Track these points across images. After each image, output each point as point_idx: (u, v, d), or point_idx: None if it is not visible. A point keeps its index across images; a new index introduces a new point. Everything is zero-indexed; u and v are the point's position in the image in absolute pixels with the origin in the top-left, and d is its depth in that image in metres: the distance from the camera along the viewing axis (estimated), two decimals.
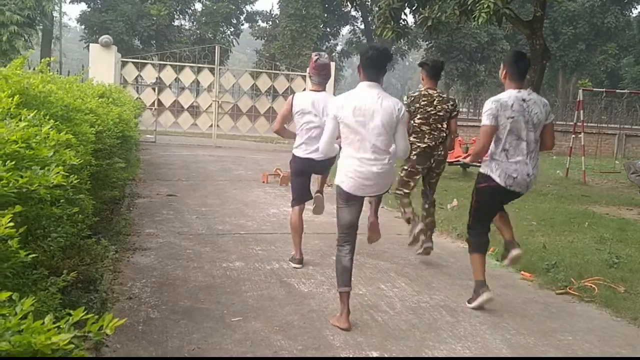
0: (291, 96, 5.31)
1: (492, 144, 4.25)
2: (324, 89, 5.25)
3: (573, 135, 14.54)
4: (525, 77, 4.37)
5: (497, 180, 4.23)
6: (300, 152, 5.17)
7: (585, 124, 14.54)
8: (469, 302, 4.39)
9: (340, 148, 4.11)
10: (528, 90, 4.29)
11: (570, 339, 3.91)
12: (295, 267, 5.11)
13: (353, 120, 3.82)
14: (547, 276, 5.23)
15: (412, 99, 5.42)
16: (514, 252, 4.55)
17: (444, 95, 5.59)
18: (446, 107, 5.44)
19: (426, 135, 5.38)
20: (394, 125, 3.89)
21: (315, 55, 5.17)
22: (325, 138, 4.03)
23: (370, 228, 4.42)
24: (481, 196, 4.41)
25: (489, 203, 4.43)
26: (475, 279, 4.40)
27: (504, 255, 4.70)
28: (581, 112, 13.93)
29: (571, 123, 16.46)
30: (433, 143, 5.39)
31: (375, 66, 3.93)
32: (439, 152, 5.46)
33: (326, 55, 5.28)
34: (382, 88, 3.98)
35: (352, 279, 4.51)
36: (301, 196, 5.31)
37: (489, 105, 4.21)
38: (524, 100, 4.19)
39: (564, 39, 32.78)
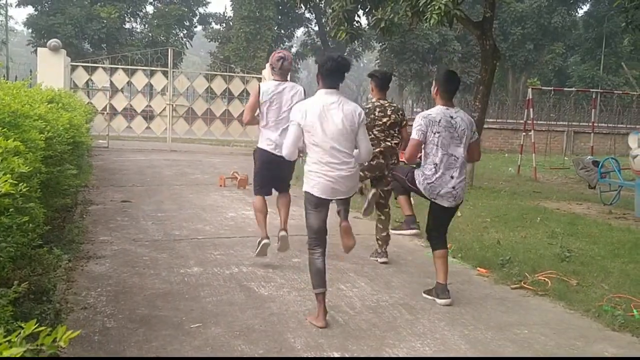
0: (257, 85, 5.37)
1: (423, 159, 4.52)
2: (286, 80, 5.34)
3: (524, 133, 14.92)
4: (454, 95, 4.65)
5: (422, 190, 4.53)
6: (265, 145, 5.26)
7: (535, 122, 14.93)
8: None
9: (301, 154, 4.20)
10: (456, 108, 4.56)
11: (526, 332, 4.00)
12: (265, 244, 5.20)
13: (316, 126, 3.92)
14: (502, 271, 5.35)
15: (367, 110, 5.43)
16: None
17: (395, 105, 5.75)
18: (398, 116, 5.62)
19: (382, 142, 5.47)
20: (356, 129, 4.03)
21: (282, 54, 5.30)
22: (288, 142, 4.09)
23: (343, 234, 4.31)
24: (406, 184, 4.70)
25: (411, 188, 4.71)
26: (406, 213, 4.83)
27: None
28: (531, 110, 14.31)
29: (521, 121, 16.87)
30: (388, 146, 5.48)
31: (334, 75, 4.05)
32: (393, 161, 5.57)
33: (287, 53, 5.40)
34: (340, 94, 4.07)
35: None
36: (264, 187, 5.42)
37: (418, 120, 4.48)
38: (451, 117, 4.46)
39: (513, 39, 33.61)
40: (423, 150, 4.50)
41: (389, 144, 5.52)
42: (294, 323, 3.90)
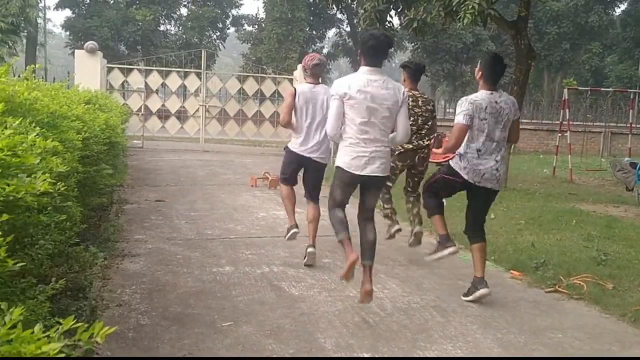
0: (293, 87, 5.42)
1: (465, 144, 4.42)
2: (319, 83, 5.37)
3: (559, 134, 14.64)
4: (499, 81, 4.54)
5: (465, 177, 4.43)
6: (297, 148, 5.29)
7: (571, 123, 14.65)
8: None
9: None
10: (499, 92, 4.46)
11: (560, 336, 3.94)
12: (294, 233, 5.35)
13: (359, 101, 3.96)
14: (536, 274, 5.27)
15: None
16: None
17: (426, 96, 5.74)
18: (430, 107, 5.67)
19: (414, 135, 5.45)
20: (398, 108, 4.07)
21: (318, 59, 5.30)
22: (331, 118, 4.13)
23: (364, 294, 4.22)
24: (442, 184, 4.66)
25: (445, 188, 4.69)
26: (440, 233, 4.79)
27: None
28: (567, 110, 14.04)
29: (557, 122, 16.57)
30: (418, 142, 5.52)
31: (376, 53, 4.07)
32: (423, 150, 5.59)
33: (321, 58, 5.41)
34: (383, 72, 4.11)
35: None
36: (291, 178, 5.50)
37: (465, 105, 4.36)
38: (496, 102, 4.38)
39: (549, 39, 33.01)
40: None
41: (421, 133, 5.56)
42: (324, 323, 3.90)
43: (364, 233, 4.29)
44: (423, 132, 5.57)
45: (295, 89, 5.32)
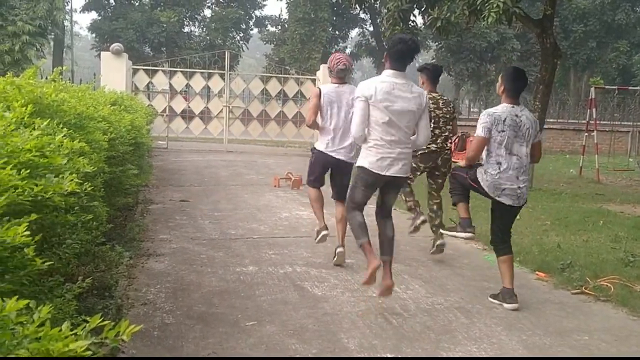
0: (317, 87, 5.41)
1: (485, 156, 4.47)
2: (344, 82, 5.35)
3: (586, 134, 14.43)
4: (520, 94, 4.53)
5: (485, 188, 4.44)
6: (324, 147, 5.29)
7: (598, 122, 14.43)
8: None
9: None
10: (521, 107, 4.47)
11: (586, 338, 3.88)
12: (324, 235, 5.33)
13: (385, 103, 4.01)
14: (562, 276, 5.19)
15: None
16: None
17: (446, 98, 5.73)
18: (449, 109, 5.64)
19: (437, 137, 5.45)
20: (421, 112, 4.13)
21: (345, 63, 5.27)
22: (357, 120, 4.16)
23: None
24: (468, 185, 4.65)
25: (472, 187, 4.65)
26: (462, 216, 4.80)
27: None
28: (594, 110, 13.84)
29: (584, 121, 16.33)
30: (441, 145, 5.49)
31: (403, 58, 4.11)
32: (446, 152, 5.58)
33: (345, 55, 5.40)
34: (407, 77, 4.16)
35: None
36: (318, 180, 5.48)
37: (484, 118, 4.41)
38: (517, 115, 4.38)
39: (575, 37, 32.54)
40: (485, 149, 4.43)
41: (444, 135, 5.54)
42: (347, 324, 3.90)
43: (383, 229, 4.35)
44: (446, 133, 5.55)
45: (320, 89, 5.31)
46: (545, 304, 4.57)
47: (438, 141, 5.50)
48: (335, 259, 5.25)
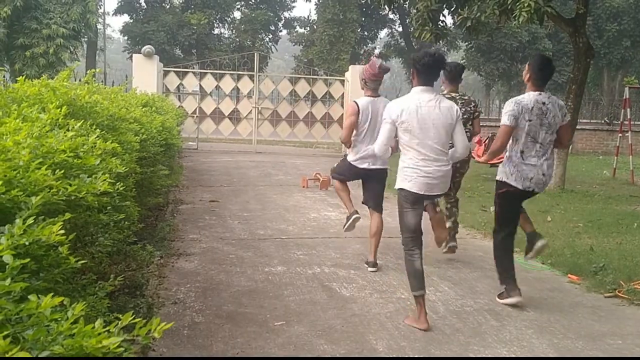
0: (353, 102, 5.31)
1: (510, 147, 4.39)
2: (378, 95, 5.29)
3: (620, 134, 14.13)
4: (547, 82, 4.46)
5: (514, 184, 4.36)
6: (356, 161, 5.27)
7: (632, 122, 14.12)
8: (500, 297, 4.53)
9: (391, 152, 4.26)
10: (548, 94, 4.41)
11: (619, 342, 3.80)
12: (355, 218, 5.36)
13: (413, 124, 3.93)
14: (595, 279, 5.10)
15: None
16: (539, 243, 4.68)
17: (466, 97, 5.69)
18: (469, 108, 5.57)
19: None
20: (453, 125, 4.04)
21: (378, 60, 5.21)
22: (381, 140, 4.12)
23: (436, 225, 4.48)
24: (503, 201, 4.54)
25: (512, 206, 4.54)
26: (501, 279, 4.53)
27: (527, 249, 4.80)
28: (628, 110, 13.53)
29: (617, 122, 15.99)
30: None
31: (430, 72, 4.04)
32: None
33: (380, 60, 5.30)
34: (435, 91, 4.09)
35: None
36: (346, 179, 5.51)
37: (510, 106, 4.35)
38: (543, 103, 4.33)
39: (608, 36, 31.84)
40: (511, 138, 4.36)
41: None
42: (375, 325, 3.89)
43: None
44: (468, 133, 5.45)
45: (357, 105, 5.21)
46: (577, 307, 4.49)
47: None
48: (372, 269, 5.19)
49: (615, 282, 4.96)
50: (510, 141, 4.37)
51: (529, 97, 4.34)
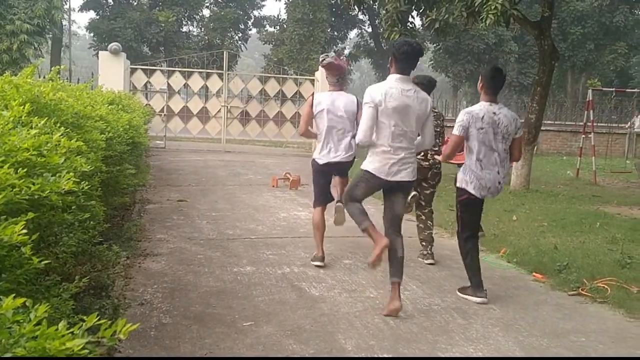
0: (310, 96, 5.32)
1: (467, 156, 4.53)
2: (341, 89, 5.26)
3: (583, 136, 14.46)
4: (499, 92, 4.62)
5: (473, 192, 4.51)
6: (322, 158, 5.20)
7: (595, 124, 14.46)
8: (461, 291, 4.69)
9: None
10: (499, 105, 4.56)
11: (583, 340, 3.89)
12: (317, 265, 5.18)
13: (396, 110, 4.01)
14: (559, 277, 5.20)
15: None
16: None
17: (437, 111, 5.75)
18: (440, 122, 5.68)
19: (426, 154, 5.48)
20: (425, 118, 4.18)
21: (321, 58, 5.26)
22: (364, 126, 4.12)
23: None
24: (464, 207, 4.67)
25: (473, 211, 4.68)
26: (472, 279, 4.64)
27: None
28: (591, 112, 13.86)
29: (581, 123, 16.36)
30: (432, 161, 5.52)
31: (408, 60, 4.11)
32: (437, 166, 5.64)
33: (332, 55, 5.31)
34: (411, 81, 4.18)
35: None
36: (322, 198, 5.36)
37: (461, 116, 4.51)
38: (494, 113, 4.47)
39: (573, 39, 32.54)
40: (465, 148, 4.51)
41: (433, 151, 5.49)
42: (344, 324, 3.90)
43: (393, 249, 4.16)
44: (436, 148, 5.51)
45: (312, 97, 5.23)
46: (542, 305, 4.58)
47: (428, 157, 5.53)
48: (335, 215, 5.31)
49: (578, 280, 5.07)
50: (466, 151, 4.52)
51: (480, 107, 4.50)
